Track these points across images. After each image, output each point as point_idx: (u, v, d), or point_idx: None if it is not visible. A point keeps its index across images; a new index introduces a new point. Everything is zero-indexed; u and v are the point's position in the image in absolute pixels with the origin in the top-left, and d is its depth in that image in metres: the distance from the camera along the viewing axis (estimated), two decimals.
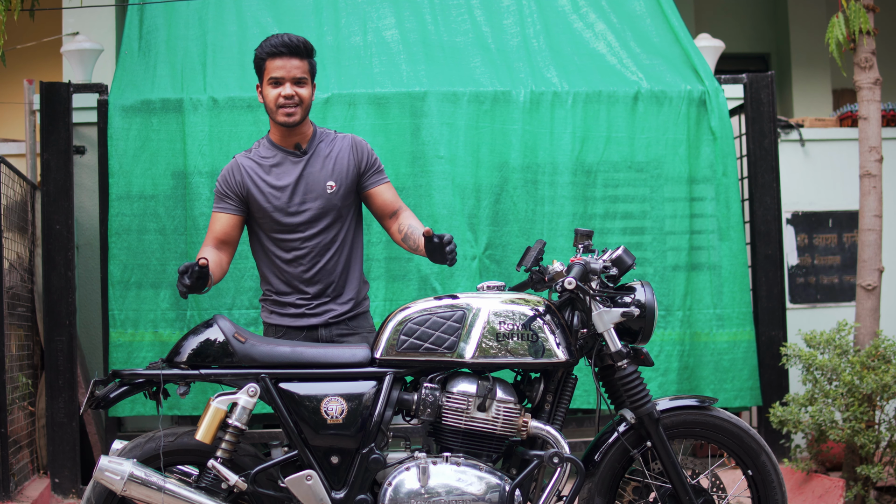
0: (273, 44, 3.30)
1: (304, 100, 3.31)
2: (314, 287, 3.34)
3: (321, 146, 3.39)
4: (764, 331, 5.00)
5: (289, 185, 3.31)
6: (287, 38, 3.31)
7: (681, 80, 5.04)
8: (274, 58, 3.29)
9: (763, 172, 5.11)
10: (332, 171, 3.35)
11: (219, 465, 2.95)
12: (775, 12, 8.64)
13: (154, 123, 4.68)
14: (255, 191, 3.32)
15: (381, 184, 3.44)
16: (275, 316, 3.38)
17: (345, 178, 3.36)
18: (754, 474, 3.21)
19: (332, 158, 3.37)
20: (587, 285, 3.08)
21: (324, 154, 3.37)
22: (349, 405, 3.00)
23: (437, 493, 2.95)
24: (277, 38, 3.31)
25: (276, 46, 3.29)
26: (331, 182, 3.34)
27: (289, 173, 3.33)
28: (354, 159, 3.39)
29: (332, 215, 3.35)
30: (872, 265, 4.67)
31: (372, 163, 3.44)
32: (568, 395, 3.15)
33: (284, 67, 3.29)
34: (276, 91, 3.30)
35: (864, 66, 4.75)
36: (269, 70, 3.30)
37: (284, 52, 3.29)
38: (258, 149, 3.40)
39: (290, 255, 3.34)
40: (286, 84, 3.29)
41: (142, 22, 5.03)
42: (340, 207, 3.36)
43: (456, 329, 3.04)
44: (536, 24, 5.23)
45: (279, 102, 3.29)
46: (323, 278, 3.35)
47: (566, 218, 4.81)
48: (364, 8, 5.18)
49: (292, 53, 3.30)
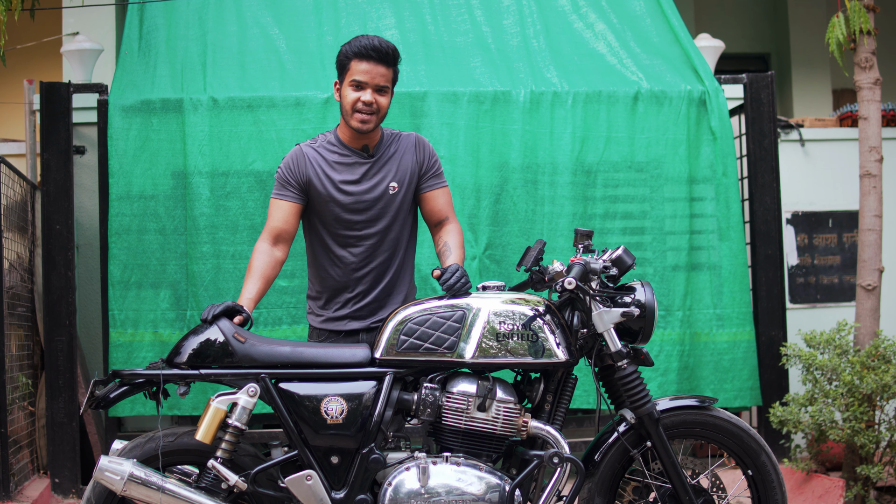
0: (363, 45, 3.20)
1: (382, 108, 3.25)
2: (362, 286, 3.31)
3: (388, 150, 3.34)
4: (764, 331, 5.00)
5: (351, 184, 3.27)
6: (378, 42, 3.21)
7: (681, 80, 5.04)
8: (361, 60, 3.20)
9: (763, 172, 5.11)
10: (395, 171, 3.31)
11: (219, 465, 2.95)
12: (775, 12, 8.64)
13: (154, 123, 4.68)
14: (316, 181, 3.26)
15: (438, 188, 3.40)
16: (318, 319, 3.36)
17: (406, 180, 3.33)
18: (754, 474, 3.21)
19: (396, 159, 3.33)
20: (587, 285, 3.08)
21: (389, 155, 3.33)
22: (349, 405, 3.00)
23: (436, 493, 2.95)
24: (368, 41, 3.21)
25: (365, 49, 3.19)
26: (393, 183, 3.30)
27: (353, 173, 3.28)
28: (417, 160, 3.36)
29: (390, 217, 3.31)
30: (872, 265, 4.67)
31: (432, 164, 3.40)
32: (568, 395, 3.15)
33: (370, 73, 3.20)
34: (355, 94, 3.22)
35: (865, 66, 4.75)
36: (352, 71, 3.21)
37: (373, 57, 3.20)
38: (324, 141, 3.33)
39: (343, 251, 3.30)
40: (367, 90, 3.21)
41: (142, 22, 5.03)
42: (399, 209, 3.32)
43: (456, 329, 3.04)
44: (536, 24, 5.23)
45: (357, 107, 3.22)
46: (373, 279, 3.32)
47: (566, 218, 4.81)
48: (364, 8, 5.18)
49: (380, 59, 3.21)
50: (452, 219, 3.43)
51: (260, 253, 3.25)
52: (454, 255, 3.32)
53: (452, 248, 3.33)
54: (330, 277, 3.34)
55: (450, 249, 3.33)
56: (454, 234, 3.39)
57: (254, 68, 4.89)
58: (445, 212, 3.41)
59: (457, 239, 3.37)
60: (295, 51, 4.99)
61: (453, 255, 3.32)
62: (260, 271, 3.22)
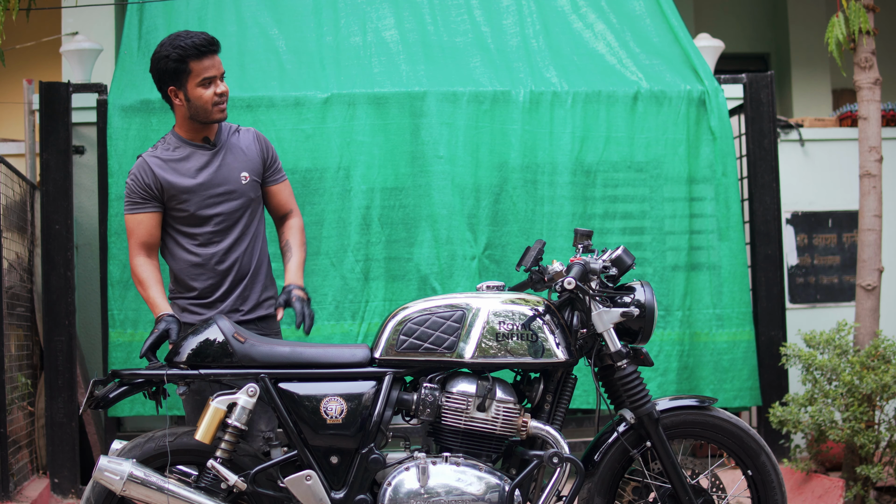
0: (196, 44, 3.20)
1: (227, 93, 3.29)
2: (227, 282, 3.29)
3: (230, 138, 3.35)
4: (763, 331, 5.00)
5: (202, 178, 3.26)
6: (204, 35, 3.22)
7: (680, 80, 5.04)
8: (201, 58, 3.20)
9: (763, 172, 5.11)
10: (244, 161, 3.33)
11: (218, 465, 2.95)
12: (775, 12, 8.64)
13: (153, 123, 4.68)
14: (167, 185, 3.24)
15: (282, 181, 3.45)
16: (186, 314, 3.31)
17: (255, 170, 3.34)
18: (754, 474, 3.21)
19: (241, 150, 3.34)
20: (587, 285, 3.08)
21: (234, 145, 3.34)
22: (349, 405, 3.00)
23: (436, 493, 2.95)
24: (195, 38, 3.21)
25: (200, 46, 3.19)
26: (244, 173, 3.31)
27: (201, 166, 3.28)
28: (261, 154, 3.38)
29: (245, 207, 3.32)
30: (872, 265, 4.67)
31: (274, 158, 3.44)
32: (567, 395, 3.15)
33: (214, 65, 3.23)
34: (210, 90, 3.22)
35: (864, 66, 4.75)
36: (196, 71, 3.20)
37: (212, 50, 3.22)
38: (164, 145, 3.33)
39: (203, 249, 3.28)
40: (217, 82, 3.23)
41: (141, 22, 5.03)
42: (252, 199, 3.34)
43: (455, 329, 3.04)
44: (536, 24, 5.23)
45: (215, 101, 3.23)
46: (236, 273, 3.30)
47: (566, 218, 4.81)
48: (363, 8, 5.18)
49: (216, 50, 3.24)
50: (296, 211, 3.49)
51: (145, 265, 3.25)
52: (295, 256, 3.37)
53: (293, 248, 3.39)
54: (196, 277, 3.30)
55: (290, 249, 3.39)
56: (296, 231, 3.44)
57: (253, 68, 4.89)
58: (290, 204, 3.47)
59: (298, 237, 3.43)
60: (294, 51, 4.99)
61: (294, 256, 3.37)
62: (155, 278, 3.24)
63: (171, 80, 3.25)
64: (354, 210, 4.67)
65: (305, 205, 4.63)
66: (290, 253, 3.40)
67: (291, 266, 3.37)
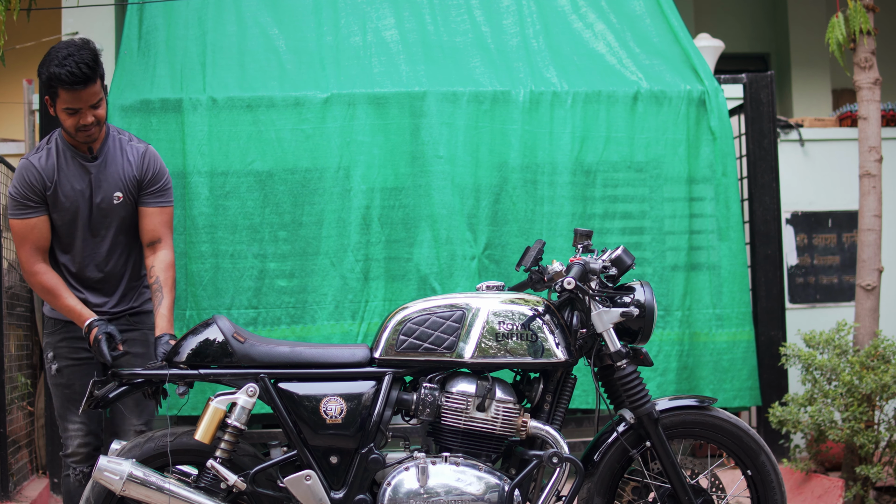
0: (69, 72, 3.08)
1: (102, 117, 3.21)
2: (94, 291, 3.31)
3: (114, 152, 3.31)
4: (763, 331, 5.00)
5: (79, 189, 3.25)
6: (77, 68, 3.09)
7: (680, 80, 5.04)
8: (69, 89, 3.11)
9: (762, 172, 5.11)
10: (119, 180, 3.29)
11: (218, 465, 2.95)
12: (775, 12, 8.65)
13: (153, 123, 4.68)
14: (50, 188, 3.22)
15: (157, 206, 3.35)
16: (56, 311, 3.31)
17: (128, 190, 3.31)
18: (753, 474, 3.21)
19: (121, 167, 3.30)
20: (586, 285, 3.09)
21: (116, 160, 3.30)
22: (348, 405, 3.01)
23: (436, 493, 2.95)
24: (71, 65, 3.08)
25: (69, 78, 3.08)
26: (118, 193, 3.29)
27: (79, 178, 3.26)
28: (142, 171, 3.33)
29: (117, 224, 3.31)
30: (872, 265, 4.67)
31: (157, 180, 3.36)
32: (567, 395, 3.15)
33: (80, 98, 3.14)
34: (72, 120, 3.16)
35: (864, 66, 4.75)
36: (63, 99, 3.13)
37: (79, 85, 3.11)
38: (48, 146, 3.28)
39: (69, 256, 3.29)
40: (83, 112, 3.16)
41: (141, 22, 5.02)
42: (125, 216, 3.32)
43: (455, 329, 3.04)
44: (536, 24, 5.23)
45: (78, 127, 3.17)
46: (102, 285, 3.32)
47: (565, 218, 4.81)
48: (363, 8, 5.18)
49: (86, 82, 3.13)
50: (167, 243, 3.37)
51: (47, 272, 3.23)
52: (166, 300, 3.25)
53: (165, 290, 3.26)
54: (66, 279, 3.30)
55: (161, 290, 3.26)
56: (167, 268, 3.31)
57: (253, 68, 4.89)
58: (159, 232, 3.35)
59: (168, 274, 3.29)
60: (294, 51, 4.99)
61: (165, 299, 3.25)
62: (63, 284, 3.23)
63: (45, 91, 3.19)
64: (354, 210, 4.67)
65: (305, 205, 4.64)
66: (161, 295, 3.26)
67: (163, 311, 3.24)
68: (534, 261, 3.14)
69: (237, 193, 4.63)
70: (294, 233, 4.62)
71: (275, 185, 4.62)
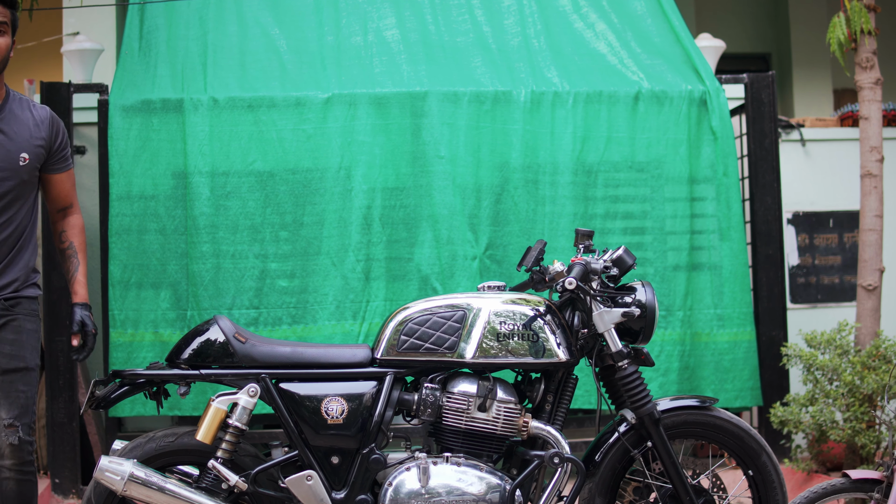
0: None
1: (2, 50, 2.99)
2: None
3: (15, 109, 3.07)
4: (764, 331, 5.00)
5: None
6: None
7: (681, 79, 5.03)
8: None
9: (764, 172, 5.11)
10: (26, 140, 3.05)
11: (219, 466, 2.95)
12: (776, 12, 8.64)
13: (154, 123, 4.68)
14: None
15: (66, 171, 3.20)
16: None
17: (36, 154, 3.08)
18: (755, 474, 3.21)
19: (28, 126, 3.07)
20: (588, 285, 3.09)
21: (19, 119, 3.06)
22: (349, 405, 3.01)
23: (437, 494, 2.95)
24: None
25: None
26: (24, 154, 3.05)
27: None
28: (50, 135, 3.12)
29: (17, 190, 3.06)
30: (873, 265, 4.67)
31: (64, 145, 3.18)
32: (568, 395, 3.16)
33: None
34: None
35: (866, 66, 4.75)
36: None
37: None
38: None
39: None
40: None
41: (142, 22, 5.03)
42: (27, 182, 3.08)
43: (456, 329, 3.04)
44: (537, 24, 5.23)
45: None
46: None
47: (567, 218, 4.81)
48: (365, 8, 5.18)
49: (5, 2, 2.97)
50: (76, 207, 3.26)
51: None
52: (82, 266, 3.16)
53: (79, 255, 3.17)
54: None
55: (75, 253, 3.17)
56: (80, 231, 3.21)
57: (254, 68, 4.89)
58: (71, 198, 3.23)
59: (82, 238, 3.21)
60: (295, 51, 4.99)
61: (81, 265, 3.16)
62: None
63: None
64: (355, 210, 4.67)
65: (306, 205, 4.64)
66: (77, 261, 3.16)
67: (80, 278, 3.15)
68: (535, 261, 3.14)
69: (238, 193, 4.63)
70: (295, 233, 4.62)
71: (276, 185, 4.62)
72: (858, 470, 3.16)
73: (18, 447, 3.04)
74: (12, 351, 3.09)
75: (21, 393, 3.09)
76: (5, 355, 3.07)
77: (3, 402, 3.07)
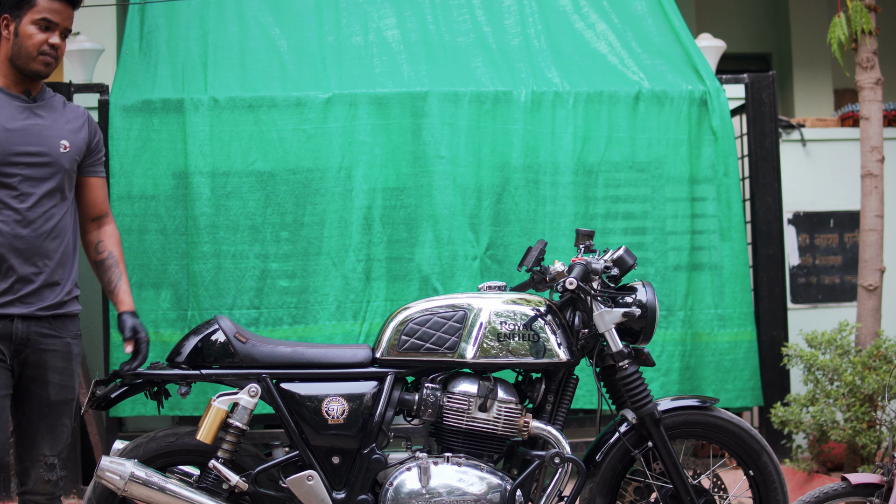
0: None
1: (62, 55, 2.95)
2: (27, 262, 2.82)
3: (53, 100, 2.99)
4: (765, 331, 5.00)
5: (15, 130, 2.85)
6: None
7: (682, 80, 5.03)
8: None
9: (764, 172, 5.11)
10: (66, 131, 2.94)
11: (220, 466, 2.95)
12: (776, 12, 8.64)
13: (155, 123, 4.68)
14: None
15: (101, 176, 3.08)
16: None
17: (77, 145, 2.96)
18: (756, 475, 3.21)
19: (66, 118, 2.97)
20: (588, 285, 3.09)
21: (57, 109, 2.97)
22: (350, 405, 3.01)
23: (438, 494, 2.95)
24: None
25: None
26: (65, 141, 2.92)
27: (14, 118, 2.87)
28: (89, 132, 3.02)
29: (59, 179, 2.89)
30: (874, 265, 4.67)
31: (100, 147, 3.08)
32: (569, 395, 3.15)
33: (62, 14, 2.90)
34: (42, 35, 2.87)
35: (866, 66, 4.75)
36: (40, 8, 2.86)
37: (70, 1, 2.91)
38: None
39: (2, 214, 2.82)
40: (56, 32, 2.89)
41: (143, 22, 5.03)
42: (68, 173, 2.92)
43: (457, 329, 3.04)
44: (538, 24, 5.23)
45: (43, 49, 2.87)
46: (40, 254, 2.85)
47: (567, 218, 4.81)
48: (365, 8, 5.18)
49: (73, 2, 2.93)
50: (111, 217, 3.14)
51: None
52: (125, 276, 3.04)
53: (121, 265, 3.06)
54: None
55: (118, 265, 3.05)
56: (117, 242, 3.10)
57: (255, 68, 4.89)
58: (105, 207, 3.11)
59: (120, 249, 3.09)
60: (296, 51, 4.99)
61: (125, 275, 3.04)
62: None
63: (9, 6, 2.89)
64: (356, 210, 4.67)
65: (307, 205, 4.64)
66: (119, 270, 3.05)
67: (125, 287, 3.04)
68: (536, 261, 3.13)
69: (239, 193, 4.63)
70: (296, 233, 4.62)
71: (276, 185, 4.63)
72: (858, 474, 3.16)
73: (54, 483, 2.97)
74: (62, 381, 2.92)
75: (65, 427, 2.96)
76: (55, 385, 2.90)
77: (46, 437, 2.92)
